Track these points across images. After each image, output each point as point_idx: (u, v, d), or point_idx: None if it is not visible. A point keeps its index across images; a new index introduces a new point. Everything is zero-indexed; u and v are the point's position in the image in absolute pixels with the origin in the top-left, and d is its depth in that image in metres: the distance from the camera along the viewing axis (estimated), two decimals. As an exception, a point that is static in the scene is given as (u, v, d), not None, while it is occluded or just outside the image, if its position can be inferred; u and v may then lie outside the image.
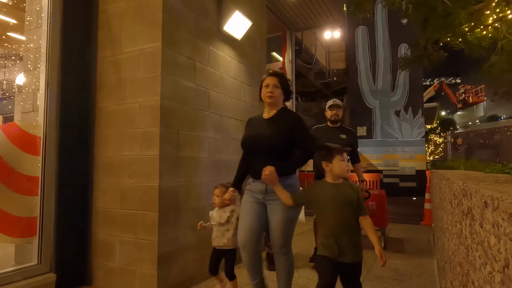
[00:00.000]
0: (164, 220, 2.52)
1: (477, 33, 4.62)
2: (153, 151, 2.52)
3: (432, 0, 4.41)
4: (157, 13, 2.59)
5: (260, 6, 4.10)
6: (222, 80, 3.31)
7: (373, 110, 13.64)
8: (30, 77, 3.08)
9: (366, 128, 13.71)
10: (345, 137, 3.35)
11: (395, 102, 13.42)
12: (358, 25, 13.62)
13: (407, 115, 13.34)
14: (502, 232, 0.50)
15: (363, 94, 13.68)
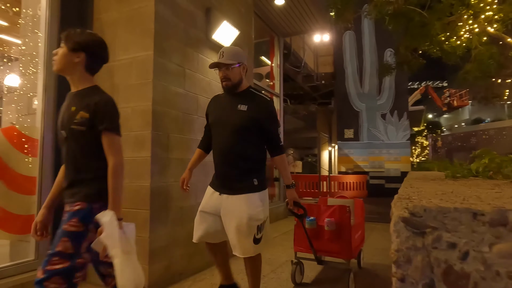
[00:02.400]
0: (154, 218, 2.69)
1: (452, 42, 4.93)
2: (144, 153, 2.70)
3: (410, 11, 4.70)
4: (149, 23, 2.77)
5: (247, 15, 4.31)
6: (211, 85, 3.50)
7: (360, 113, 13.97)
8: (25, 81, 3.22)
9: (354, 130, 14.05)
10: (246, 109, 2.13)
11: (381, 106, 13.79)
12: (346, 30, 13.95)
13: (393, 118, 13.72)
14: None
15: (350, 98, 14.01)
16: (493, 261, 0.38)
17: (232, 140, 2.13)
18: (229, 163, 2.16)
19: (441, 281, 0.40)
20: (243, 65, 2.21)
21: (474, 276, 0.39)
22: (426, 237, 0.41)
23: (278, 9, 6.18)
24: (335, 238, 2.72)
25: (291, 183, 2.25)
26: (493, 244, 0.38)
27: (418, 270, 0.41)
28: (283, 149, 2.23)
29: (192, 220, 3.13)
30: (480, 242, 0.39)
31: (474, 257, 0.39)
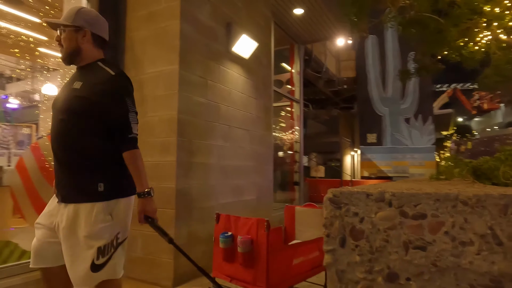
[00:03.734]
0: (179, 216, 2.96)
1: (470, 47, 4.97)
2: (170, 158, 2.98)
3: (425, 19, 4.78)
4: (174, 40, 3.06)
5: (266, 27, 4.55)
6: (231, 94, 3.76)
7: (383, 118, 13.89)
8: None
9: (376, 135, 13.97)
10: (79, 86, 1.63)
11: (405, 110, 13.65)
12: (362, 39, 13.94)
13: (417, 122, 13.54)
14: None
15: (373, 102, 13.96)
16: (377, 222, 0.61)
17: (61, 130, 1.60)
18: (60, 161, 1.64)
19: (349, 236, 0.63)
20: (83, 31, 1.66)
21: (366, 232, 0.62)
22: (341, 209, 0.64)
23: (297, 18, 6.39)
24: (249, 262, 2.01)
25: (144, 191, 1.75)
26: (377, 212, 0.61)
27: (336, 229, 0.64)
28: (134, 142, 1.65)
29: (212, 220, 3.38)
30: (370, 211, 0.62)
31: (366, 220, 0.62)
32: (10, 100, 10.95)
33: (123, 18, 3.41)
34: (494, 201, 0.58)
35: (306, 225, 2.58)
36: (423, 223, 0.61)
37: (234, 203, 3.72)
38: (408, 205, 0.62)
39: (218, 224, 2.29)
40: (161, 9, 3.18)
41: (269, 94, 4.63)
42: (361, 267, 0.64)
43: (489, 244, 0.58)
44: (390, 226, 0.62)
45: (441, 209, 0.60)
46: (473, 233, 0.59)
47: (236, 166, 3.78)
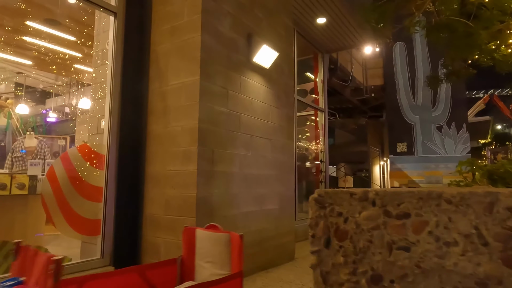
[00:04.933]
0: (200, 225, 2.99)
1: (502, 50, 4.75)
2: (191, 166, 3.03)
3: (452, 22, 4.63)
4: (195, 52, 3.15)
5: (287, 37, 4.58)
6: (252, 104, 3.79)
7: (413, 126, 13.44)
8: (95, 104, 3.78)
9: (407, 144, 13.51)
10: None
11: (437, 117, 13.15)
12: (396, 41, 13.65)
13: (450, 130, 12.99)
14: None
15: (402, 110, 13.56)
16: (360, 222, 0.59)
17: None
18: None
19: (333, 236, 0.62)
20: None
21: (350, 232, 0.60)
22: (326, 209, 0.63)
23: (320, 27, 6.39)
24: None
25: None
26: (361, 212, 0.59)
27: (321, 230, 0.63)
28: None
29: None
30: (354, 211, 0.60)
31: (350, 220, 0.61)
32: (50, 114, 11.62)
33: (148, 33, 3.56)
34: (478, 199, 0.54)
35: (206, 258, 1.95)
36: (407, 223, 0.59)
37: (256, 212, 3.71)
38: (391, 204, 0.60)
39: (16, 261, 1.50)
40: (183, 23, 3.29)
41: (291, 103, 4.63)
42: (345, 269, 0.62)
43: (474, 245, 0.55)
44: (373, 226, 0.60)
45: (425, 208, 0.58)
46: (457, 233, 0.56)
47: (258, 175, 3.78)
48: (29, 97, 10.78)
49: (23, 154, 5.12)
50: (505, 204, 0.54)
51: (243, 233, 3.48)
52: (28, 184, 3.24)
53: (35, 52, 6.72)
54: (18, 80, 9.83)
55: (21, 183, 3.22)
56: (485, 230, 0.55)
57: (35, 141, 5.26)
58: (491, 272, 0.54)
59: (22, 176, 3.25)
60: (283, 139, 4.31)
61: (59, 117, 11.22)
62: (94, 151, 3.11)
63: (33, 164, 3.42)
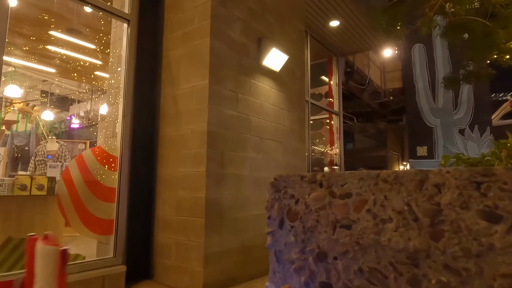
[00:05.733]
0: (209, 226, 3.03)
1: (523, 49, 4.60)
2: (201, 168, 3.08)
3: (469, 22, 4.53)
4: (205, 56, 3.22)
5: (299, 41, 4.60)
6: (262, 107, 3.82)
7: (434, 129, 13.10)
8: (112, 109, 3.91)
9: (427, 148, 13.18)
10: None
11: (459, 120, 12.78)
12: (415, 43, 13.40)
13: (473, 133, 12.58)
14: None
15: (422, 113, 13.26)
16: (310, 203, 0.62)
17: None
18: None
19: (286, 217, 0.65)
20: None
21: (300, 213, 0.63)
22: (280, 192, 0.66)
23: (334, 30, 6.38)
24: None
25: None
26: (310, 193, 0.62)
27: (276, 211, 0.66)
28: None
29: (245, 231, 3.41)
30: (304, 193, 0.63)
31: (301, 202, 0.64)
32: (73, 120, 12.05)
33: (160, 39, 3.67)
34: (410, 177, 0.57)
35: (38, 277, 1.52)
36: (349, 202, 0.62)
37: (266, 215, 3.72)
38: (336, 185, 0.63)
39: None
40: (194, 28, 3.38)
41: (303, 106, 4.63)
42: (296, 248, 0.65)
43: (405, 220, 0.57)
44: (320, 206, 0.63)
45: (364, 187, 0.61)
46: (391, 210, 0.58)
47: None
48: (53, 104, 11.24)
49: (45, 158, 5.35)
50: (433, 181, 0.56)
51: (254, 235, 3.51)
52: (46, 185, 3.38)
53: (57, 61, 7.02)
54: (43, 87, 10.27)
55: (40, 184, 3.36)
56: (416, 206, 0.57)
57: (57, 145, 5.48)
58: (420, 246, 0.55)
59: (41, 177, 3.39)
60: (295, 142, 4.31)
61: (82, 123, 11.62)
62: (108, 153, 3.22)
63: (52, 166, 3.57)
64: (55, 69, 8.33)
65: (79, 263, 2.81)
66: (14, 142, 5.84)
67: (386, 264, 0.58)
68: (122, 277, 3.02)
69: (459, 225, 0.55)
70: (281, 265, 0.68)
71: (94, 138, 10.75)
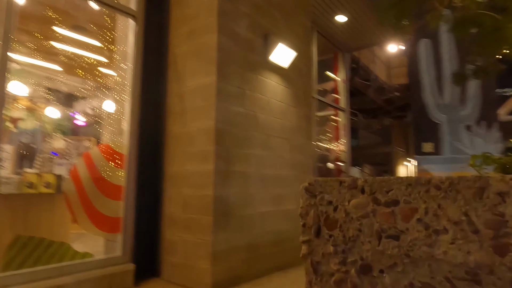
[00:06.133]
0: (216, 223, 3.02)
1: (533, 45, 4.51)
2: (208, 166, 3.06)
3: (479, 16, 4.44)
4: (212, 53, 3.19)
5: (305, 37, 4.55)
6: (269, 104, 3.79)
7: (440, 126, 12.98)
8: (118, 106, 3.90)
9: (433, 144, 13.08)
10: None
11: (466, 116, 12.65)
12: (421, 38, 13.25)
13: (480, 129, 12.44)
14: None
15: (429, 109, 13.13)
16: (350, 210, 0.58)
17: None
18: None
19: (323, 225, 0.61)
20: None
21: (340, 221, 0.59)
22: (316, 198, 0.62)
23: (340, 26, 6.30)
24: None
25: None
26: (350, 200, 0.58)
27: (311, 219, 0.62)
28: None
29: (252, 228, 3.40)
30: (344, 199, 0.59)
31: (340, 209, 0.60)
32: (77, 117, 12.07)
33: (166, 36, 3.64)
34: (468, 183, 0.52)
35: None
36: (396, 210, 0.57)
37: (274, 212, 3.70)
38: (380, 192, 0.58)
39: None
40: (200, 25, 3.34)
41: (310, 102, 4.59)
42: (335, 258, 0.62)
43: (464, 232, 0.51)
44: (363, 214, 0.59)
45: (413, 195, 0.56)
46: (447, 220, 0.53)
47: (276, 175, 3.77)
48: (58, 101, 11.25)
49: (53, 155, 5.36)
50: (495, 189, 0.51)
51: (260, 233, 3.49)
52: (54, 183, 3.39)
53: (63, 58, 7.01)
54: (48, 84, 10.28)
55: (47, 182, 3.36)
56: (475, 217, 0.52)
57: (63, 143, 5.48)
58: (482, 261, 0.51)
59: (48, 175, 3.39)
60: (301, 139, 4.28)
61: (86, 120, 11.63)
62: (115, 150, 3.20)
63: (59, 163, 3.56)
64: (60, 66, 8.35)
65: (87, 261, 2.81)
66: (20, 139, 5.86)
67: (441, 280, 0.54)
68: (131, 275, 3.02)
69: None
70: (319, 277, 0.64)
71: (97, 135, 10.73)
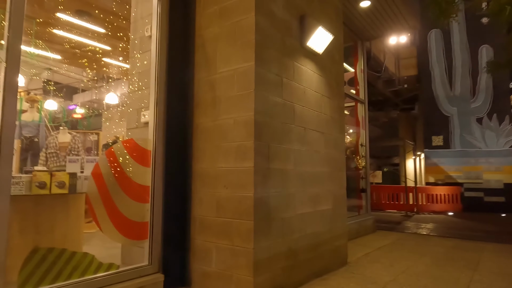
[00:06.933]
0: (258, 229, 2.66)
1: None
2: (247, 163, 2.69)
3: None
4: (249, 35, 2.80)
5: (337, 21, 4.16)
6: (305, 93, 3.42)
7: (450, 118, 12.69)
8: (134, 98, 3.50)
9: (443, 137, 12.79)
10: None
11: (477, 109, 12.36)
12: (431, 29, 12.87)
13: (492, 122, 12.17)
14: None
15: (438, 101, 12.83)
16: None
17: None
18: None
19: None
20: None
21: None
22: None
23: (363, 12, 5.92)
24: None
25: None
26: None
27: None
28: None
29: (292, 233, 3.05)
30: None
31: None
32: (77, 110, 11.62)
33: (193, 16, 3.23)
34: None
35: None
36: None
37: (311, 213, 3.36)
38: None
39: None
40: (233, 3, 2.95)
41: (341, 93, 4.22)
42: None
43: None
44: None
45: None
46: None
47: (312, 172, 3.42)
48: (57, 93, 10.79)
49: (58, 150, 4.95)
50: None
51: (300, 237, 3.15)
52: (68, 183, 3.01)
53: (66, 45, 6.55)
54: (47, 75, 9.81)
55: (61, 181, 2.98)
56: None
57: (69, 137, 5.08)
58: None
59: (62, 173, 3.01)
60: (335, 133, 3.92)
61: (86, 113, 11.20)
62: (140, 146, 2.82)
63: (72, 160, 3.18)
64: (60, 56, 7.86)
65: (113, 273, 2.45)
66: (22, 133, 5.44)
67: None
68: (160, 287, 2.67)
69: None
70: None
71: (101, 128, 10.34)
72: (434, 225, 7.87)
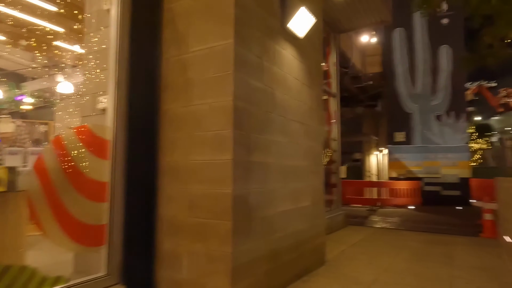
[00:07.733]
0: (237, 230, 2.33)
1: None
2: (225, 156, 2.35)
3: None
4: (228, 9, 2.44)
5: (318, 5, 3.90)
6: (286, 80, 3.12)
7: (412, 115, 13.08)
8: (87, 82, 3.02)
9: (405, 133, 13.17)
10: None
11: (436, 106, 12.83)
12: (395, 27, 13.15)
13: (449, 119, 12.70)
14: None
15: (401, 98, 13.16)
16: None
17: None
18: None
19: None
20: None
21: None
22: None
23: (338, 3, 5.74)
24: None
25: None
26: None
27: None
28: None
29: (273, 232, 2.75)
30: None
31: None
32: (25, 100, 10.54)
33: (160, -14, 2.81)
34: None
35: None
36: None
37: (293, 211, 3.08)
38: None
39: None
40: (209, -28, 2.57)
41: (320, 82, 3.99)
42: None
43: None
44: None
45: None
46: None
47: (294, 166, 3.14)
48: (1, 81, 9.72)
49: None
50: None
51: (282, 236, 2.86)
52: (7, 178, 2.48)
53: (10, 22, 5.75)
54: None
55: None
56: None
57: (12, 126, 4.40)
58: None
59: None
60: (315, 124, 3.67)
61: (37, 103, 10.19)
62: (96, 135, 2.37)
63: (12, 152, 2.65)
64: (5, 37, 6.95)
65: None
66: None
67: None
68: (121, 302, 2.26)
69: None
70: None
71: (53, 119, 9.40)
72: (399, 219, 7.98)
